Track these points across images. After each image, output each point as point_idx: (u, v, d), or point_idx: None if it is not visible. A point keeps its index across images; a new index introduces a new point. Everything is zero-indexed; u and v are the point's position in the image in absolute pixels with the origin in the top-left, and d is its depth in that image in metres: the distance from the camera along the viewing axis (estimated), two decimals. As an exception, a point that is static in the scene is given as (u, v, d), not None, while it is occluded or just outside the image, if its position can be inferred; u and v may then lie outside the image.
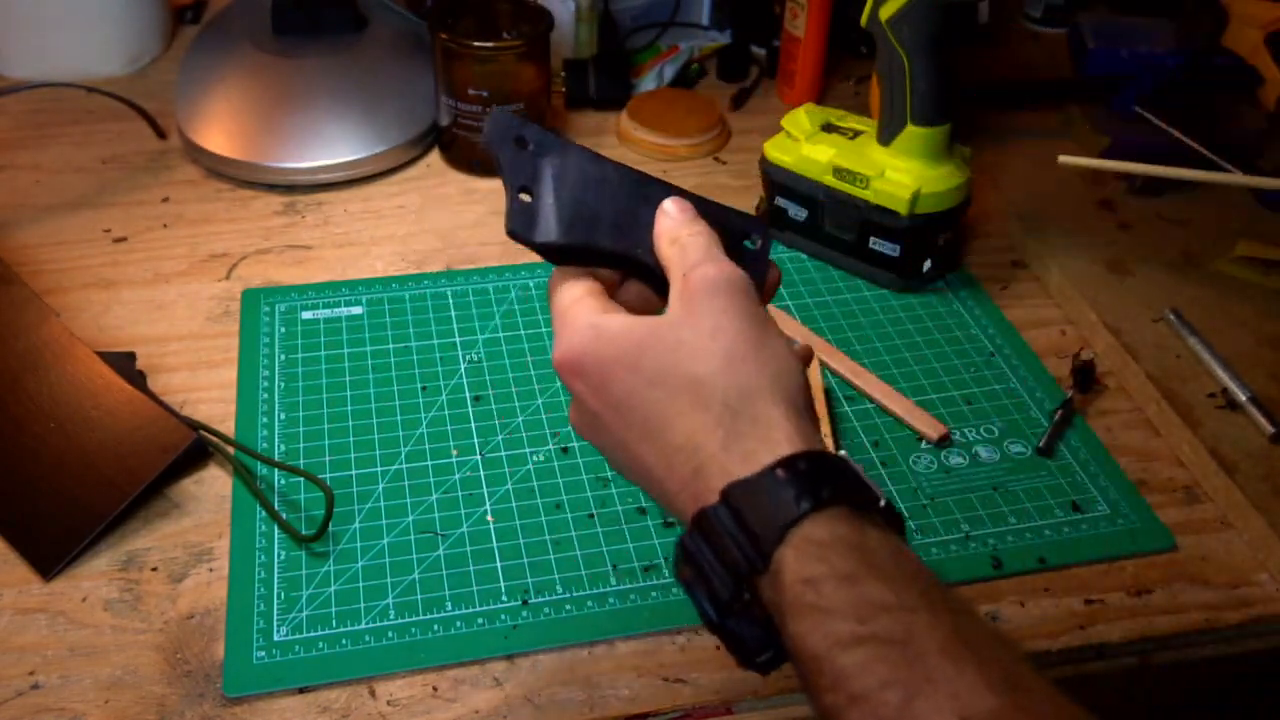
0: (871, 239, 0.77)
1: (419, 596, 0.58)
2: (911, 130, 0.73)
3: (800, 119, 0.80)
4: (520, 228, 0.46)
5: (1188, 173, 0.81)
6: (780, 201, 0.81)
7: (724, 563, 0.39)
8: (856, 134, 0.78)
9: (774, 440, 0.40)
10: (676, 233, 0.45)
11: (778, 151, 0.80)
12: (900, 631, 0.35)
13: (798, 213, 0.80)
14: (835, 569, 0.37)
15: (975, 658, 0.35)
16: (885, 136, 0.75)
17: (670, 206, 0.46)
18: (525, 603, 0.58)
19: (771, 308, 0.76)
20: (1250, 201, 0.84)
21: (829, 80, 1.01)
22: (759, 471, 0.39)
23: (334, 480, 0.64)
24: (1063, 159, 0.87)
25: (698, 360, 0.41)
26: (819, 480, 0.39)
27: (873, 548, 0.38)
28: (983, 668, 0.35)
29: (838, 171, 0.76)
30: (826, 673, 0.36)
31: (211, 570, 0.59)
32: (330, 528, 0.60)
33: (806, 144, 0.78)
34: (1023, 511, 0.64)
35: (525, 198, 0.46)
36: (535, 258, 0.45)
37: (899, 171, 0.74)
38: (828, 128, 0.79)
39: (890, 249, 0.76)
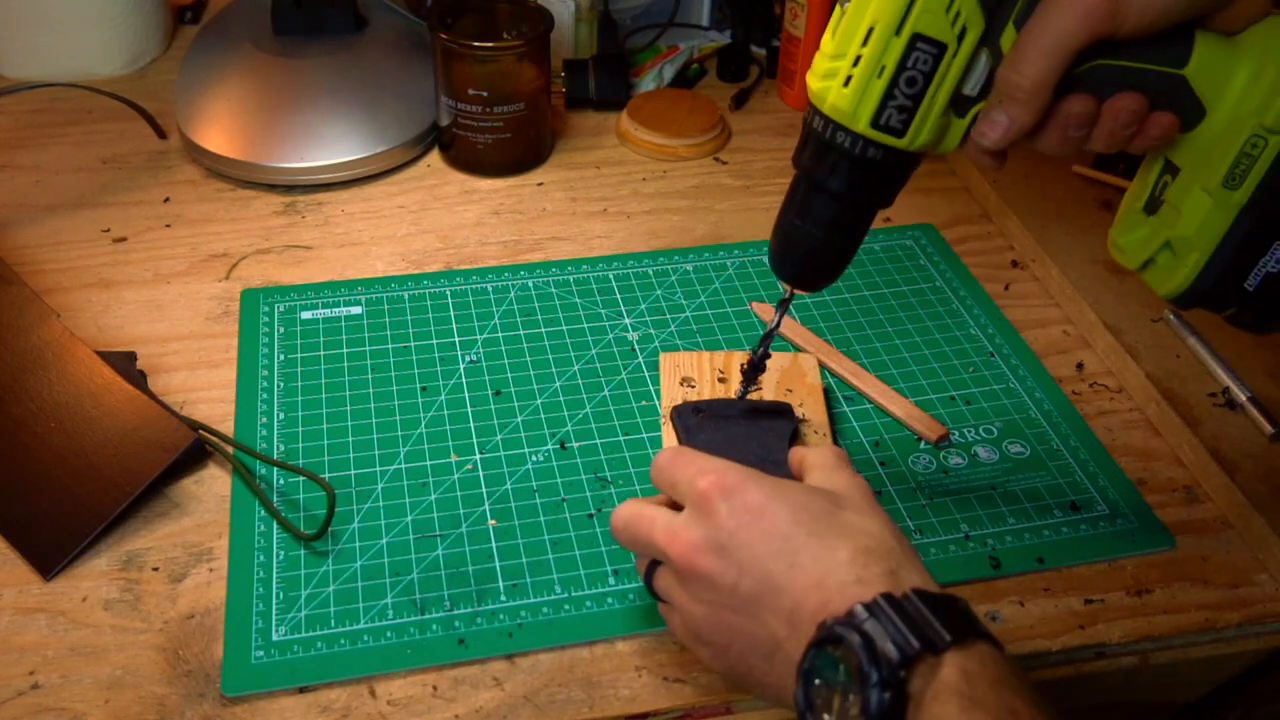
0: None
1: (418, 596, 0.58)
2: None
3: None
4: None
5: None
6: None
7: (915, 632, 0.43)
8: None
9: (929, 579, 0.47)
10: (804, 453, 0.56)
11: None
12: None
13: None
14: (990, 675, 0.42)
15: None
16: None
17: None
18: (525, 602, 0.58)
19: (771, 309, 0.76)
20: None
21: (829, 80, 1.01)
22: (942, 592, 0.45)
23: (333, 480, 0.64)
24: (1077, 169, 0.87)
25: (858, 508, 0.49)
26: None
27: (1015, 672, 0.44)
28: None
29: None
30: None
31: (211, 570, 0.59)
32: (330, 527, 0.60)
33: None
34: (1022, 511, 0.64)
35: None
36: (534, 258, 0.46)
37: None
38: None
39: None
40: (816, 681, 0.44)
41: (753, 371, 0.63)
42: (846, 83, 0.48)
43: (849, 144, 0.50)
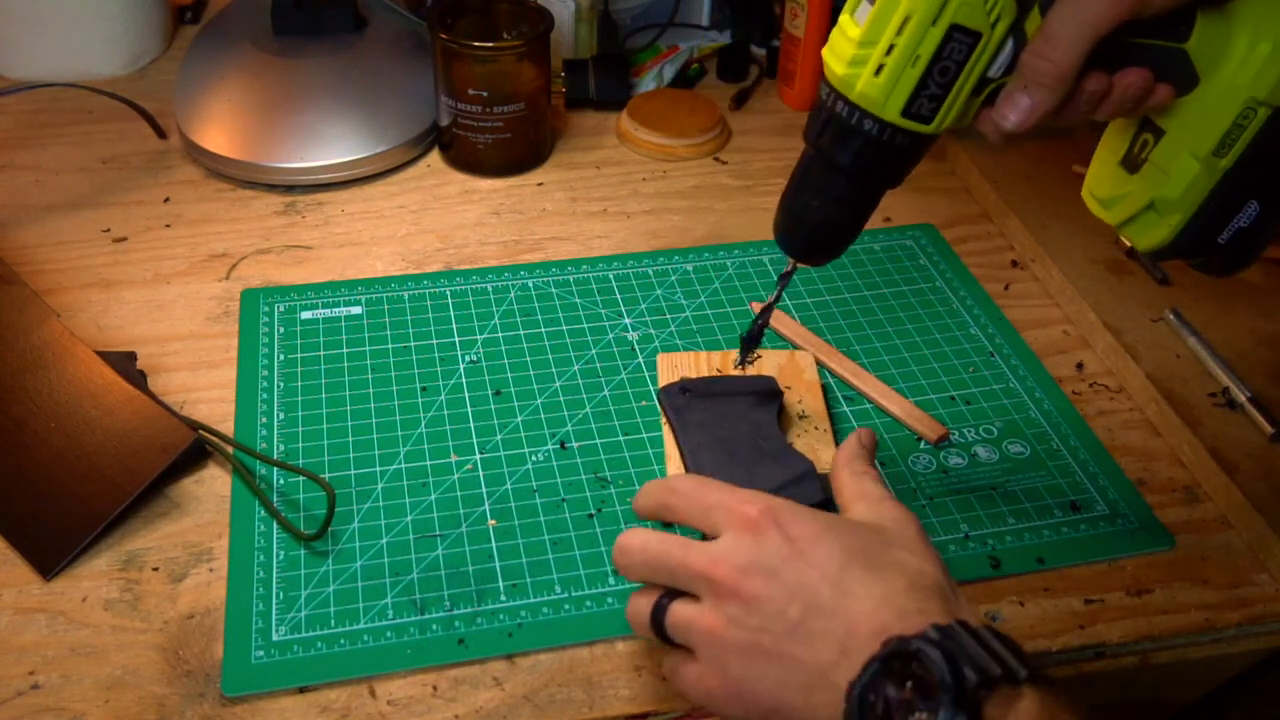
0: None
1: (418, 596, 0.58)
2: None
3: None
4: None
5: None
6: None
7: (994, 658, 0.41)
8: None
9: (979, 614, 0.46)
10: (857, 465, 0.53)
11: None
12: None
13: None
14: (1071, 713, 0.42)
15: None
16: None
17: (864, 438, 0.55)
18: (525, 602, 0.58)
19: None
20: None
21: (829, 80, 1.01)
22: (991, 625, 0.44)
23: (333, 480, 0.64)
24: (1077, 169, 0.87)
25: (910, 546, 0.47)
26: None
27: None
28: None
29: None
30: None
31: (211, 570, 0.59)
32: (330, 527, 0.60)
33: None
34: (1022, 512, 0.64)
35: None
36: (534, 258, 0.46)
37: None
38: None
39: None
40: (871, 698, 0.42)
41: (749, 343, 0.63)
42: (878, 71, 0.48)
43: (876, 131, 0.50)
